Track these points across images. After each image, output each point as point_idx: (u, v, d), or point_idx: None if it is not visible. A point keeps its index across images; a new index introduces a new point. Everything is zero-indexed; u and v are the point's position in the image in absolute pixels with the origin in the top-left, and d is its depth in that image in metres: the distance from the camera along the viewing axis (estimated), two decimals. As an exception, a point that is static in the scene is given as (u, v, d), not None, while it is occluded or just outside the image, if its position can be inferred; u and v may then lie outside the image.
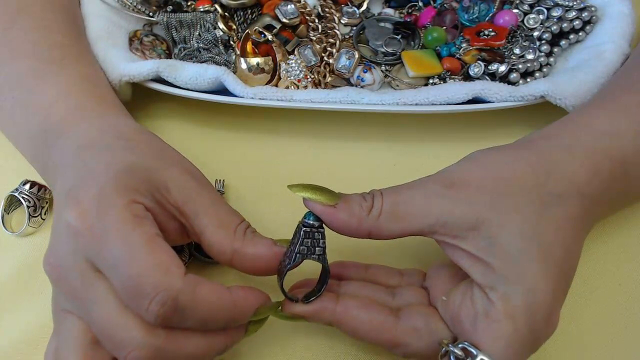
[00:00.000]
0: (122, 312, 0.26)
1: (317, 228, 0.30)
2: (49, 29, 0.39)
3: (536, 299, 0.27)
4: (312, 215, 0.30)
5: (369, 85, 0.43)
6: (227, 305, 0.28)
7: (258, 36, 0.43)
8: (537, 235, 0.28)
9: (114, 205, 0.27)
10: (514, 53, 0.43)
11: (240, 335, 0.30)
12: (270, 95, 0.40)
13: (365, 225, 0.29)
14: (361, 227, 0.29)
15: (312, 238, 0.30)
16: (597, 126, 0.33)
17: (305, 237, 0.30)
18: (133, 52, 0.43)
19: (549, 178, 0.30)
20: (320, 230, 0.30)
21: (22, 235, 0.40)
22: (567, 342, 0.35)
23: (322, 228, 0.30)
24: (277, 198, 0.40)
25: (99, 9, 0.44)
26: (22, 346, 0.36)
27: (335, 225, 0.30)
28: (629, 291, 0.37)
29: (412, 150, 0.43)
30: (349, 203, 0.30)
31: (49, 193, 0.40)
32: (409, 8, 0.48)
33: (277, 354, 0.35)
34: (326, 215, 0.29)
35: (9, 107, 0.37)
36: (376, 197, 0.30)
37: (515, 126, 0.42)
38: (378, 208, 0.29)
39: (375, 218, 0.29)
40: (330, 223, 0.30)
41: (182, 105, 0.44)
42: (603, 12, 0.43)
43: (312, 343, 0.35)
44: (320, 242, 0.30)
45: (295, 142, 0.43)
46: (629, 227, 0.39)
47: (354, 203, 0.30)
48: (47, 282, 0.37)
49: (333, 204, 0.29)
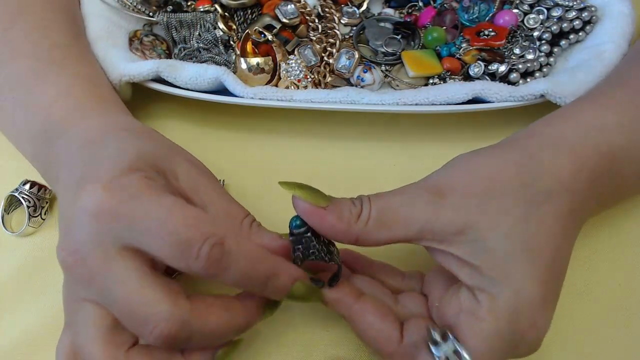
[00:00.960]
0: (146, 286, 0.26)
1: (303, 234, 0.29)
2: (49, 29, 0.39)
3: (522, 301, 0.27)
4: (295, 221, 0.30)
5: (369, 85, 0.43)
6: (268, 260, 0.28)
7: (258, 36, 0.43)
8: (525, 237, 0.28)
9: (133, 181, 0.27)
10: (514, 53, 0.43)
11: (258, 315, 0.30)
12: (270, 95, 0.40)
13: (353, 230, 0.29)
14: (349, 232, 0.29)
15: (302, 243, 0.30)
16: (584, 120, 0.33)
17: (296, 243, 0.30)
18: (133, 52, 0.43)
19: (535, 177, 0.30)
20: (307, 236, 0.29)
21: (22, 235, 0.40)
22: (567, 342, 0.35)
23: (308, 232, 0.29)
24: (277, 198, 0.40)
25: (99, 9, 0.44)
26: (22, 346, 0.36)
27: (322, 227, 0.29)
28: (629, 291, 0.37)
29: (412, 150, 0.43)
30: (339, 207, 0.29)
31: (49, 193, 0.40)
32: (409, 8, 0.48)
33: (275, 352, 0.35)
34: (315, 216, 0.29)
35: (9, 107, 0.37)
36: (364, 203, 0.30)
37: (515, 126, 0.42)
38: (366, 214, 0.29)
39: (364, 224, 0.29)
40: (318, 225, 0.29)
41: (182, 105, 0.44)
42: (603, 12, 0.43)
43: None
44: (310, 244, 0.29)
45: (295, 142, 0.43)
46: (629, 226, 0.39)
47: (344, 207, 0.29)
48: (48, 282, 0.38)
49: (323, 206, 0.29)
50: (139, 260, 0.27)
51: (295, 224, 0.30)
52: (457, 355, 0.27)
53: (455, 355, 0.27)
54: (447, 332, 0.28)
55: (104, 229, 0.27)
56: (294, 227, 0.30)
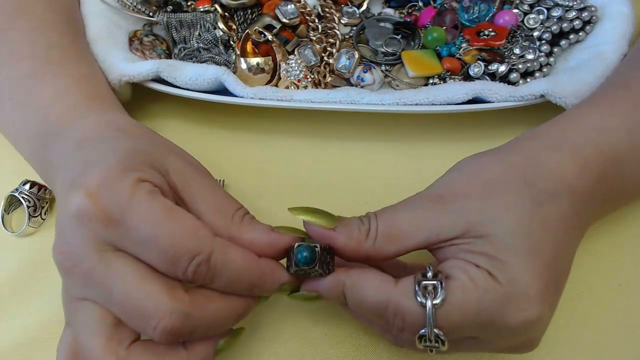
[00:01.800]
0: (145, 283, 0.26)
1: (310, 268, 0.29)
2: (48, 29, 0.39)
3: (516, 290, 0.27)
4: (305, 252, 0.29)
5: (369, 85, 0.43)
6: (254, 271, 0.29)
7: (258, 36, 0.43)
8: (527, 233, 0.28)
9: (124, 184, 0.27)
10: (514, 53, 0.43)
11: (256, 300, 0.30)
12: (270, 95, 0.40)
13: (363, 248, 0.30)
14: (360, 250, 0.30)
15: (304, 272, 0.30)
16: (586, 122, 0.33)
17: (297, 270, 0.30)
18: (133, 52, 0.43)
19: (537, 177, 0.30)
20: (315, 269, 0.29)
21: (22, 235, 0.40)
22: (566, 342, 0.35)
23: (317, 266, 0.29)
24: (277, 198, 0.40)
25: (99, 9, 0.44)
26: (22, 346, 0.36)
27: (334, 248, 0.30)
28: (629, 291, 0.37)
29: (412, 150, 0.43)
30: (348, 226, 0.30)
31: (49, 193, 0.40)
32: (409, 8, 0.48)
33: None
34: (326, 238, 0.30)
35: (8, 108, 0.37)
36: (372, 221, 0.30)
37: (515, 126, 0.42)
38: (374, 231, 0.30)
39: (373, 241, 0.30)
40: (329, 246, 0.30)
41: (182, 105, 0.44)
42: (603, 12, 0.43)
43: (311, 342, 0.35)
44: (314, 273, 0.30)
45: (295, 142, 0.43)
46: (629, 226, 0.39)
47: (352, 226, 0.30)
48: (48, 282, 0.38)
49: (332, 227, 0.30)
50: (134, 258, 0.27)
51: (304, 258, 0.29)
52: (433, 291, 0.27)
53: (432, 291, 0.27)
54: (441, 274, 0.28)
55: (96, 231, 0.27)
56: (302, 261, 0.29)
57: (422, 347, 0.28)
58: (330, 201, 0.40)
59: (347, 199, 0.40)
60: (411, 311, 0.28)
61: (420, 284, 0.28)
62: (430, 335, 0.27)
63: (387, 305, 0.28)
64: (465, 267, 0.28)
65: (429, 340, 0.28)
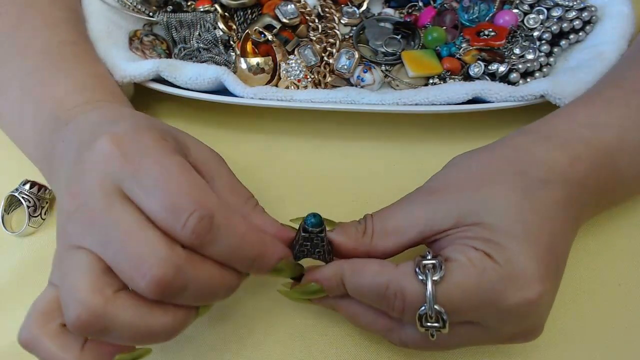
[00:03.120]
0: (144, 230, 0.26)
1: (317, 233, 0.30)
2: (57, 27, 0.40)
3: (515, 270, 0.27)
4: (313, 219, 0.30)
5: (369, 85, 0.43)
6: (256, 240, 0.28)
7: (258, 36, 0.43)
8: (521, 219, 0.29)
9: (148, 137, 0.28)
10: (514, 53, 0.43)
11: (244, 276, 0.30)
12: (270, 95, 0.40)
13: (361, 246, 0.31)
14: (358, 247, 0.31)
15: (311, 241, 0.30)
16: (577, 119, 0.34)
17: (305, 240, 0.30)
18: (133, 51, 0.43)
19: (529, 167, 0.30)
20: (320, 235, 0.30)
21: (22, 235, 0.40)
22: (566, 341, 0.35)
23: (322, 233, 0.30)
24: (277, 198, 0.40)
25: (99, 8, 0.44)
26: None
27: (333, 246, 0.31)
28: (629, 291, 0.37)
29: (412, 150, 0.43)
30: (345, 227, 0.32)
31: (49, 193, 0.40)
32: (409, 8, 0.48)
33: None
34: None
35: (17, 98, 0.37)
36: (368, 220, 0.32)
37: (515, 126, 0.42)
38: (370, 228, 0.31)
39: (370, 238, 0.31)
40: None
41: (182, 105, 0.44)
42: (603, 12, 0.43)
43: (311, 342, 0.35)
44: (319, 245, 0.30)
45: (295, 142, 0.43)
46: (629, 226, 0.39)
47: (350, 227, 0.31)
48: (47, 283, 0.38)
49: (330, 229, 0.31)
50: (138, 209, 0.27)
51: (312, 221, 0.30)
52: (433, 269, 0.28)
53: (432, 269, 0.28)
54: (440, 257, 0.28)
55: (108, 173, 0.27)
56: (310, 225, 0.30)
57: (424, 331, 0.28)
58: (330, 201, 0.40)
59: (347, 199, 0.40)
60: (412, 290, 0.28)
61: (420, 264, 0.28)
62: (430, 312, 0.27)
63: (388, 285, 0.28)
64: (463, 249, 0.28)
65: (430, 317, 0.28)
